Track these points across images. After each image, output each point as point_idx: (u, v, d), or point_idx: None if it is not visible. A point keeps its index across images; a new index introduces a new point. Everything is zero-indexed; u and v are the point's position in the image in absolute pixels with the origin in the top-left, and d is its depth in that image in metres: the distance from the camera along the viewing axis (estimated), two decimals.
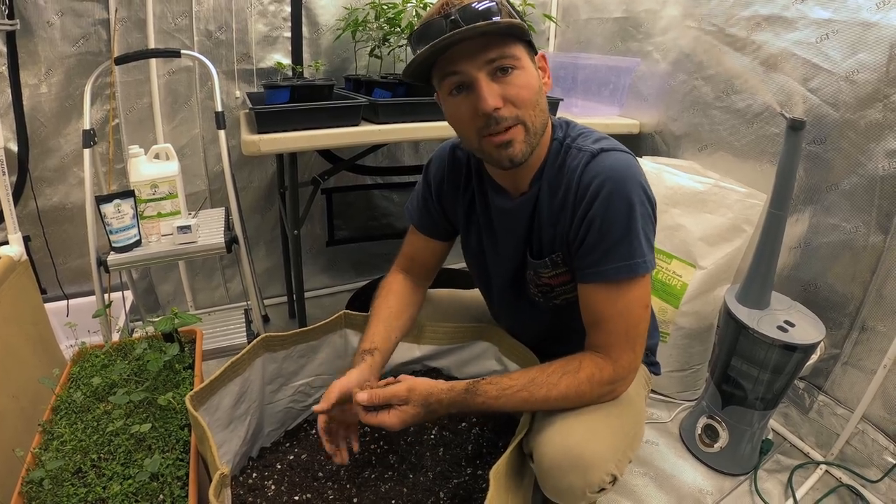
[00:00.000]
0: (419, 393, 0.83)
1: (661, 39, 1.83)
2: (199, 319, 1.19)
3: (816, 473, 1.40)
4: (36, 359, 1.29)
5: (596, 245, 0.82)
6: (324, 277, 2.41)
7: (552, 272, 0.94)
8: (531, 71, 0.82)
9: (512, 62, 0.80)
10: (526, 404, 0.84)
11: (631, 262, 0.81)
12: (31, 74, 1.66)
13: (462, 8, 0.77)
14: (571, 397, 0.83)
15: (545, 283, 0.96)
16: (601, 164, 0.83)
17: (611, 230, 0.81)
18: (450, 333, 1.15)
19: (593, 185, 0.82)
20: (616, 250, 0.81)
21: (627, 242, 0.81)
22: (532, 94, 0.82)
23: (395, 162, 2.31)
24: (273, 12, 1.88)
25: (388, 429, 0.84)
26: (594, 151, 0.85)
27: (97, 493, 0.84)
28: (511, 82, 0.80)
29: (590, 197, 0.82)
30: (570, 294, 0.96)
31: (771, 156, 1.51)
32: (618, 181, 0.81)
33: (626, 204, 0.81)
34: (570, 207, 0.86)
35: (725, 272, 1.55)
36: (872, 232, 1.31)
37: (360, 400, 0.83)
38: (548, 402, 0.83)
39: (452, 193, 1.05)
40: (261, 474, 1.00)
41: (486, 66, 0.79)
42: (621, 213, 0.81)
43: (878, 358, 1.32)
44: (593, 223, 0.82)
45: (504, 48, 0.79)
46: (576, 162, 0.86)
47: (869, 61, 1.27)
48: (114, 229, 1.36)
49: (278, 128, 1.38)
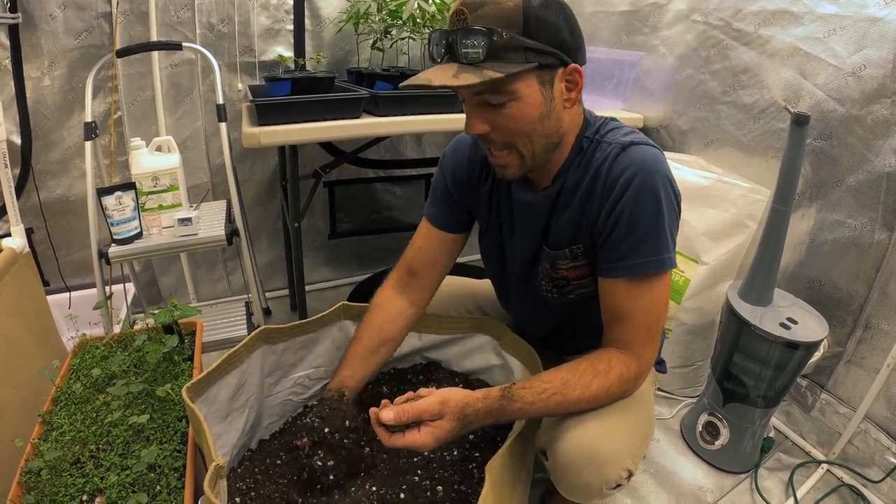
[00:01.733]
0: (454, 405, 0.77)
1: (667, 33, 1.81)
2: (198, 311, 1.19)
3: (818, 472, 1.39)
4: (38, 350, 1.29)
5: (623, 238, 0.82)
6: (326, 270, 2.41)
7: (571, 264, 0.93)
8: (529, 100, 0.79)
9: (502, 98, 0.78)
10: (559, 408, 0.81)
11: (658, 257, 0.81)
12: (33, 67, 1.66)
13: (461, 32, 0.75)
14: (602, 398, 0.83)
15: (562, 277, 0.95)
16: (631, 156, 0.82)
17: (639, 224, 0.80)
18: (451, 323, 1.15)
19: (623, 176, 0.81)
20: (643, 244, 0.81)
21: (655, 237, 0.81)
22: (524, 126, 0.80)
23: (397, 155, 2.30)
24: (275, 5, 1.87)
25: (419, 450, 0.78)
26: (624, 144, 0.84)
27: (95, 483, 0.85)
28: (501, 113, 0.79)
29: (620, 188, 0.82)
30: (585, 289, 0.95)
31: (777, 151, 1.49)
32: (647, 174, 0.81)
33: (654, 198, 0.80)
34: (598, 198, 0.85)
35: (728, 268, 1.53)
36: (878, 229, 1.30)
37: (387, 419, 0.76)
38: (579, 405, 0.82)
39: (472, 184, 1.03)
40: (259, 466, 1.00)
41: (474, 98, 0.80)
42: (650, 207, 0.80)
43: (881, 357, 1.30)
44: (622, 215, 0.81)
45: (492, 87, 0.76)
46: (605, 154, 0.85)
47: (875, 57, 1.25)
48: (115, 221, 1.37)
49: (279, 120, 1.37)
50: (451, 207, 1.05)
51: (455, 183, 1.04)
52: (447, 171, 1.05)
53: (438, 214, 1.06)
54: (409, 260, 1.08)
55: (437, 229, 1.06)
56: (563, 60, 0.79)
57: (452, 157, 1.05)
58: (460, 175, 1.04)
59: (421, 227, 1.08)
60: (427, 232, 1.07)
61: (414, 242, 1.08)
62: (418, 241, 1.08)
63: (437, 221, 1.06)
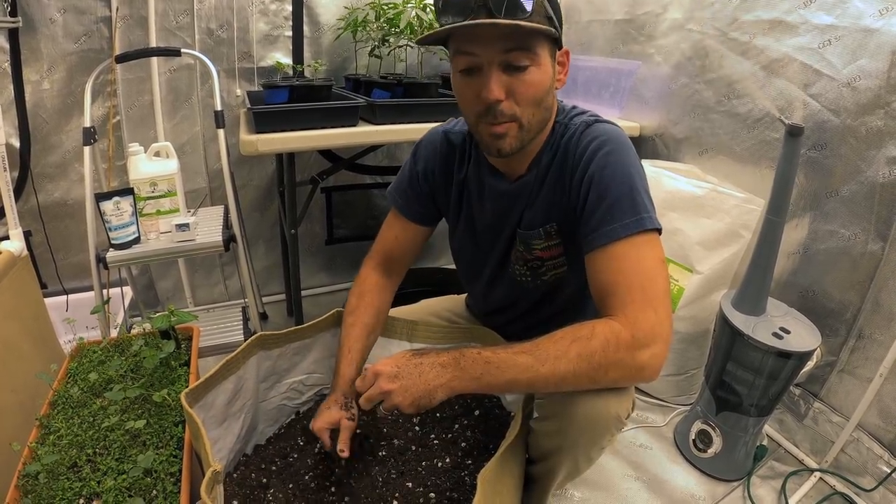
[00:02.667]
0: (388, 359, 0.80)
1: (663, 42, 1.82)
2: (195, 317, 1.20)
3: (810, 481, 1.40)
4: (35, 354, 1.30)
5: (598, 203, 0.82)
6: (322, 276, 2.42)
7: (545, 244, 0.94)
8: (546, 69, 0.83)
9: (528, 60, 0.80)
10: (528, 371, 0.73)
11: (636, 217, 0.80)
12: (33, 71, 1.68)
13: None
14: (583, 369, 0.73)
15: (536, 257, 0.97)
16: (597, 129, 0.87)
17: (611, 186, 0.81)
18: (442, 332, 1.16)
19: (591, 146, 0.85)
20: (619, 207, 0.80)
21: (630, 199, 0.81)
22: (539, 93, 0.83)
23: (394, 161, 2.31)
24: (274, 11, 1.89)
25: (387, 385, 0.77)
26: (589, 121, 0.89)
27: (91, 487, 0.86)
28: (522, 79, 0.81)
29: (588, 155, 0.84)
30: (559, 269, 0.97)
31: (771, 161, 1.50)
32: (614, 142, 0.84)
33: (621, 162, 0.83)
34: (569, 170, 0.88)
35: (722, 277, 1.54)
36: (871, 239, 1.31)
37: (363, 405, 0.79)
38: (555, 376, 0.73)
39: (444, 177, 1.05)
40: (255, 471, 1.01)
41: (500, 57, 0.80)
42: (620, 169, 0.82)
43: (874, 366, 1.31)
44: (593, 180, 0.83)
45: (524, 45, 0.79)
46: (571, 131, 0.89)
47: (870, 68, 1.26)
48: (113, 226, 1.37)
49: (276, 128, 1.38)
50: (420, 200, 1.07)
51: (428, 175, 1.06)
52: (419, 163, 1.07)
53: (408, 207, 1.08)
54: (388, 250, 1.10)
55: (410, 221, 1.08)
56: (559, 41, 0.84)
57: (428, 151, 1.06)
58: (432, 168, 1.05)
59: (395, 221, 1.10)
60: (402, 224, 1.09)
61: (388, 233, 1.10)
62: (393, 232, 1.10)
63: (410, 214, 1.08)
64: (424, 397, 0.75)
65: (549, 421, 0.89)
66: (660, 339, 0.75)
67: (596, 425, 0.84)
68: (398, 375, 0.76)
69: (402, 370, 0.77)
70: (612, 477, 1.41)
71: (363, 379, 0.80)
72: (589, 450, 0.90)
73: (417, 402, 0.76)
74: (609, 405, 0.82)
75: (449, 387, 0.76)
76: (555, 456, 0.92)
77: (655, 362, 0.75)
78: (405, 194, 1.08)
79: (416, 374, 0.76)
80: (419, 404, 0.76)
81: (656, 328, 0.74)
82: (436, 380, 0.76)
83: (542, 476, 0.99)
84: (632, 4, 1.92)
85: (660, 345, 0.75)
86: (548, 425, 0.89)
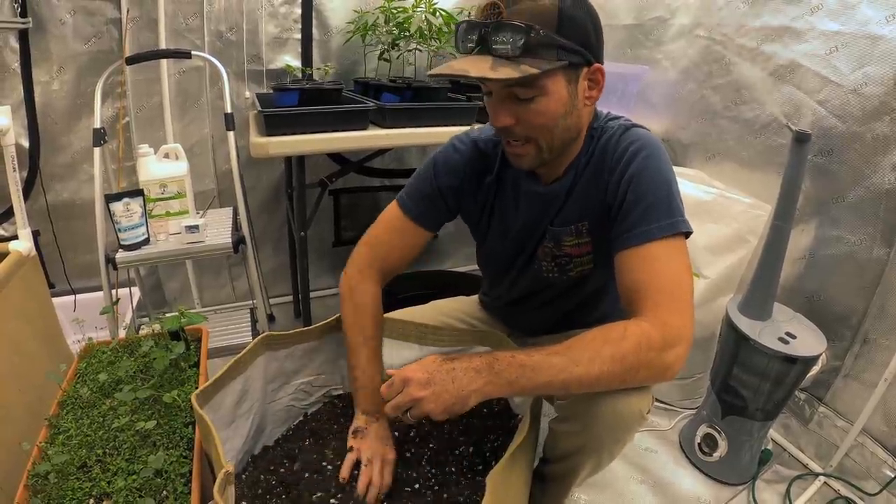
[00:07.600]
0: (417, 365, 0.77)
1: (670, 48, 1.83)
2: (205, 319, 1.20)
3: (815, 485, 1.40)
4: (43, 353, 1.30)
5: (636, 204, 0.83)
6: (329, 278, 2.42)
7: (574, 241, 0.96)
8: (558, 96, 0.82)
9: (533, 92, 0.80)
10: (563, 373, 0.73)
11: (672, 220, 0.81)
12: (43, 72, 1.68)
13: (496, 26, 0.77)
14: (616, 372, 0.74)
15: (565, 254, 0.98)
16: (635, 133, 0.89)
17: (649, 189, 0.83)
18: (453, 336, 1.16)
19: (631, 148, 0.86)
20: (656, 209, 0.82)
21: (667, 202, 0.83)
22: (550, 120, 0.83)
23: (402, 164, 2.31)
24: (284, 14, 1.89)
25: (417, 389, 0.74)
26: (627, 125, 0.91)
27: (102, 487, 0.86)
28: (528, 108, 0.82)
29: (628, 157, 0.86)
30: (585, 266, 0.99)
31: (778, 166, 1.50)
32: (652, 146, 0.86)
33: (660, 167, 0.85)
34: (606, 170, 0.89)
35: (728, 282, 1.55)
36: (877, 245, 1.31)
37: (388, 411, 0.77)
38: (589, 377, 0.73)
39: (473, 183, 1.03)
40: (263, 472, 1.01)
41: (504, 90, 0.82)
42: (659, 174, 0.84)
43: (879, 371, 1.32)
44: (632, 181, 0.84)
45: (523, 82, 0.79)
46: (609, 134, 0.91)
47: (876, 74, 1.27)
48: (123, 227, 1.38)
49: (286, 130, 1.39)
50: (437, 209, 1.04)
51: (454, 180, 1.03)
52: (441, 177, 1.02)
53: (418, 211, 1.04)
54: (389, 258, 1.06)
55: (420, 227, 1.04)
56: (587, 59, 0.82)
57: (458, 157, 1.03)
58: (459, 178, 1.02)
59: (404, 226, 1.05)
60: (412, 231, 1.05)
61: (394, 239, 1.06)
62: (399, 238, 1.05)
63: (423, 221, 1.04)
64: (458, 403, 0.74)
65: (572, 421, 0.89)
66: (684, 340, 0.77)
67: (621, 422, 0.85)
68: (430, 382, 0.74)
69: (434, 376, 0.75)
70: (617, 480, 1.41)
71: (390, 385, 0.78)
72: (613, 447, 0.91)
73: (450, 409, 0.74)
74: (632, 402, 0.84)
75: (483, 392, 0.74)
76: (577, 455, 0.93)
77: (679, 363, 0.77)
78: (422, 199, 1.04)
79: (448, 379, 0.74)
80: (452, 411, 0.74)
81: (682, 330, 0.76)
82: (470, 385, 0.74)
83: (562, 475, 1.00)
84: (640, 10, 1.93)
85: (684, 345, 0.77)
86: (570, 426, 0.90)
